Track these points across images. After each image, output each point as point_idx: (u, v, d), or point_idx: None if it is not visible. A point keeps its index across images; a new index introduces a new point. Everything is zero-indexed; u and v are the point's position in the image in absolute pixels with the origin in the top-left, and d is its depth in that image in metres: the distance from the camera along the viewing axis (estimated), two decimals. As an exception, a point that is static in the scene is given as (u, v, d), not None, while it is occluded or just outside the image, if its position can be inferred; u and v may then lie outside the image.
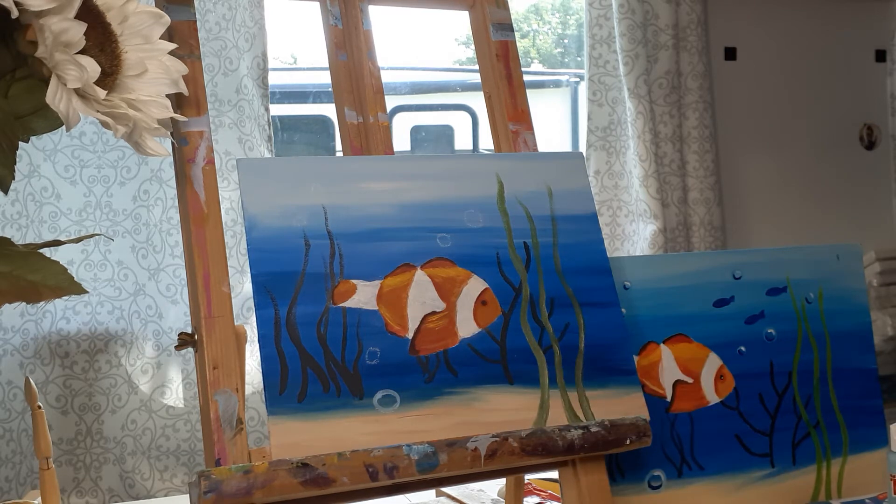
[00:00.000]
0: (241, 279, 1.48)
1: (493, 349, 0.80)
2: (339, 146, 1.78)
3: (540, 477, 1.17)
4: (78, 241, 0.74)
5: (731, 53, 1.94)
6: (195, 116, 0.78)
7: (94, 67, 0.62)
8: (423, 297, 0.79)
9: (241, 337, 0.77)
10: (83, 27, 0.61)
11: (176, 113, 0.74)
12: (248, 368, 1.36)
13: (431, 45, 1.95)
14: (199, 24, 1.25)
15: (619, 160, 1.78)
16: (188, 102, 0.78)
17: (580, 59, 1.93)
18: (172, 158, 0.83)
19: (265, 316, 0.73)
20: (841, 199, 2.04)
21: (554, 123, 2.05)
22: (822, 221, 2.01)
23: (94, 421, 1.41)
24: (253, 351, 1.33)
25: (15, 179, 0.66)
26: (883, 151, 2.10)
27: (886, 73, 2.10)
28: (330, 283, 0.76)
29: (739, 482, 0.94)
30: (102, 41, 0.67)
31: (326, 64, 0.89)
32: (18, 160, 0.65)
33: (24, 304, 1.20)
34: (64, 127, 0.63)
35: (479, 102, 1.88)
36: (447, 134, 1.97)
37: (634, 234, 1.77)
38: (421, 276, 0.80)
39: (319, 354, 0.74)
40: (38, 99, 0.63)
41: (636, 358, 0.93)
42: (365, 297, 0.77)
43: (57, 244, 0.71)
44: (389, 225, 0.80)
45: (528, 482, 1.16)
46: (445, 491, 1.15)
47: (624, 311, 0.92)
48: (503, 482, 1.09)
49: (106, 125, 0.64)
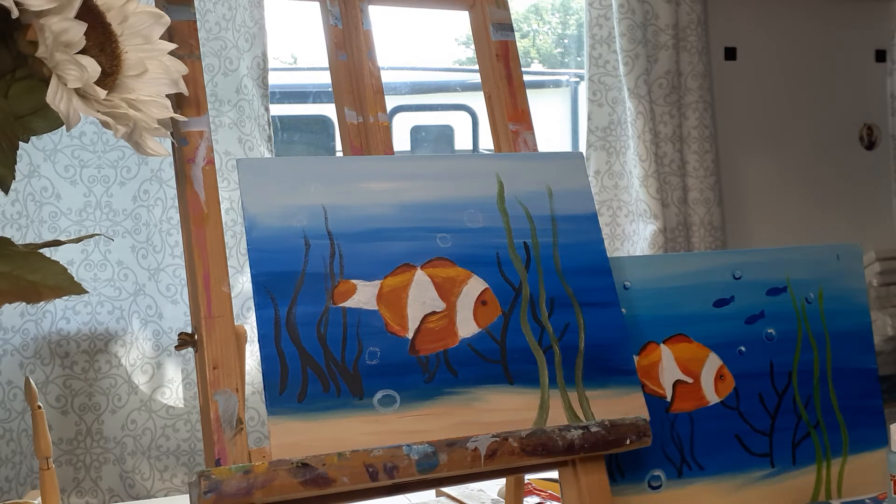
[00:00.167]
0: (240, 279, 1.48)
1: (493, 349, 0.80)
2: (339, 146, 1.78)
3: (540, 477, 1.17)
4: (78, 241, 0.74)
5: (731, 53, 1.94)
6: (195, 116, 0.78)
7: (94, 67, 0.62)
8: (423, 297, 0.79)
9: (241, 337, 0.77)
10: (83, 27, 0.61)
11: (176, 113, 0.74)
12: (248, 368, 1.36)
13: (431, 45, 1.95)
14: (199, 24, 1.25)
15: (619, 160, 1.78)
16: (188, 102, 0.78)
17: (580, 59, 1.93)
18: (172, 158, 0.83)
19: (265, 316, 0.73)
20: (841, 199, 2.04)
21: (554, 123, 2.05)
22: (822, 221, 2.01)
23: (94, 421, 1.41)
24: (253, 351, 1.33)
25: (15, 179, 0.66)
26: (883, 151, 2.10)
27: (886, 73, 2.10)
28: (330, 283, 0.76)
29: (739, 482, 0.94)
30: (102, 41, 0.67)
31: (326, 64, 0.89)
32: (18, 160, 0.65)
33: (24, 304, 1.20)
34: (64, 127, 0.63)
35: (479, 102, 1.88)
36: (447, 134, 1.97)
37: (634, 234, 1.77)
38: (421, 276, 0.80)
39: (319, 354, 0.74)
40: (38, 99, 0.63)
41: (636, 358, 0.93)
42: (365, 297, 0.77)
43: (57, 244, 0.71)
44: (389, 225, 0.80)
45: (528, 482, 1.16)
46: (445, 491, 1.15)
47: (624, 311, 0.92)
48: (503, 482, 1.09)
49: (106, 125, 0.64)
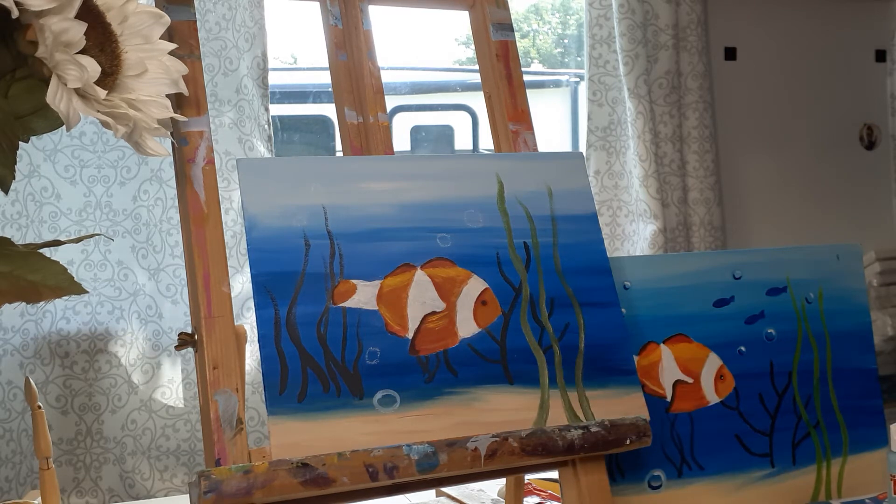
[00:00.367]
0: (240, 279, 1.48)
1: (493, 349, 0.80)
2: (339, 146, 1.78)
3: (540, 477, 1.17)
4: (78, 241, 0.74)
5: (731, 53, 1.94)
6: (195, 116, 0.78)
7: (94, 67, 0.62)
8: (423, 297, 0.79)
9: (241, 337, 0.77)
10: (83, 27, 0.61)
11: (176, 113, 0.74)
12: (247, 368, 1.36)
13: (431, 45, 1.95)
14: (199, 24, 1.25)
15: (619, 160, 1.78)
16: (188, 102, 0.78)
17: (580, 59, 1.93)
18: (172, 158, 0.83)
19: (265, 316, 0.73)
20: (841, 199, 2.04)
21: (554, 123, 2.05)
22: (822, 221, 2.01)
23: (94, 421, 1.41)
24: (253, 351, 1.33)
25: (15, 179, 0.66)
26: (883, 151, 2.10)
27: (886, 73, 2.10)
28: (330, 283, 0.76)
29: (739, 482, 0.94)
30: (102, 41, 0.67)
31: (326, 64, 0.89)
32: (18, 160, 0.65)
33: (24, 304, 1.20)
34: (64, 127, 0.63)
35: (479, 102, 1.88)
36: (447, 134, 1.97)
37: (634, 234, 1.77)
38: (421, 276, 0.79)
39: (319, 354, 0.74)
40: (38, 99, 0.63)
41: (636, 358, 0.93)
42: (365, 297, 0.77)
43: (57, 244, 0.71)
44: (389, 225, 0.80)
45: (528, 482, 1.16)
46: (445, 491, 1.15)
47: (624, 311, 0.92)
48: (503, 482, 1.09)
49: (106, 125, 0.64)
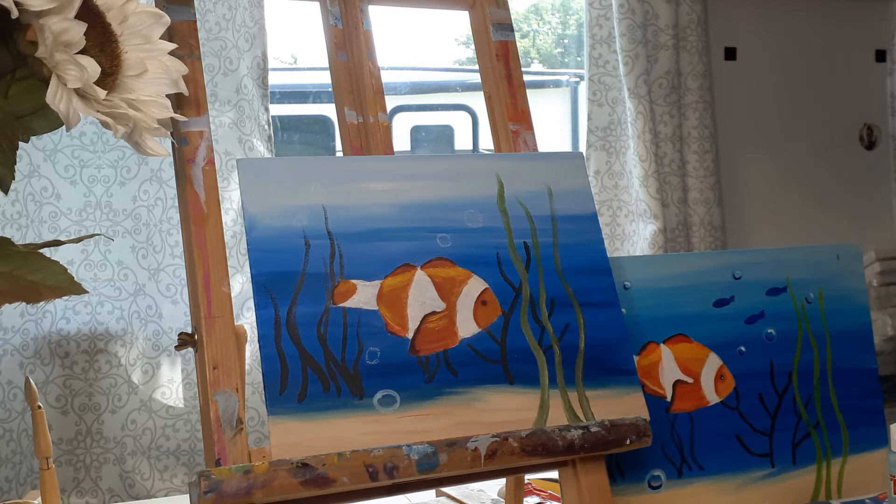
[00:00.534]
0: (240, 279, 1.48)
1: (493, 349, 0.80)
2: (339, 146, 1.78)
3: (540, 477, 1.17)
4: (78, 241, 0.74)
5: (731, 53, 1.94)
6: (195, 116, 0.78)
7: (94, 67, 0.62)
8: (423, 297, 0.79)
9: (241, 337, 0.77)
10: (83, 27, 0.61)
11: (176, 113, 0.74)
12: (247, 368, 1.36)
13: (431, 45, 1.95)
14: (199, 24, 1.25)
15: (619, 160, 1.78)
16: (188, 102, 0.78)
17: (580, 59, 1.93)
18: (172, 158, 0.83)
19: (265, 316, 0.73)
20: (841, 199, 2.04)
21: (554, 123, 2.05)
22: (822, 221, 2.01)
23: (94, 421, 1.41)
24: (253, 351, 1.33)
25: (15, 179, 0.66)
26: (883, 151, 2.10)
27: (886, 73, 2.10)
28: (330, 283, 0.76)
29: (739, 482, 0.94)
30: (102, 41, 0.67)
31: (326, 64, 0.89)
32: (18, 160, 0.65)
33: (24, 304, 1.20)
34: (64, 127, 0.63)
35: (479, 102, 1.88)
36: (447, 134, 1.97)
37: (634, 234, 1.77)
38: (421, 276, 0.79)
39: (319, 354, 0.74)
40: (38, 99, 0.63)
41: (636, 358, 0.93)
42: (365, 297, 0.77)
43: (57, 244, 0.71)
44: (389, 225, 0.80)
45: (528, 482, 1.16)
46: (445, 491, 1.15)
47: (624, 311, 0.92)
48: (503, 482, 1.09)
49: (106, 125, 0.64)
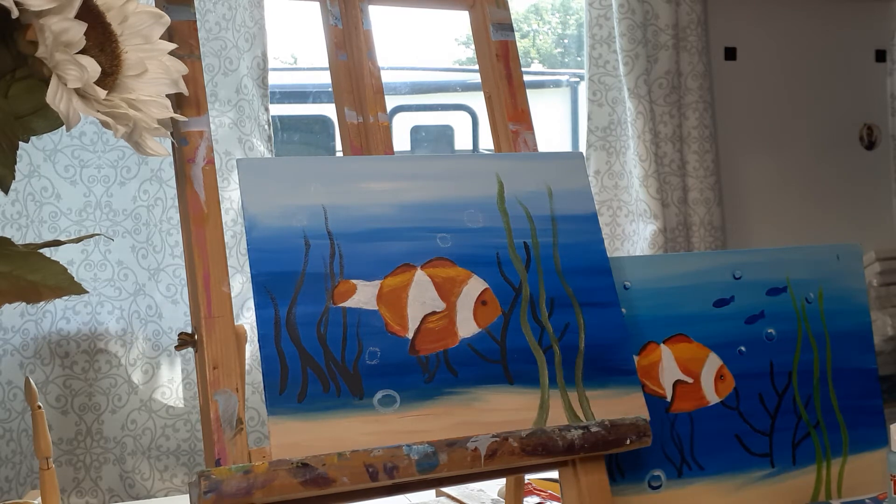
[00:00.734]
0: (240, 279, 1.48)
1: (493, 349, 0.80)
2: (339, 146, 1.78)
3: (540, 477, 1.17)
4: (78, 241, 0.74)
5: (731, 53, 1.94)
6: (195, 116, 0.78)
7: (94, 67, 0.62)
8: (423, 297, 0.79)
9: (241, 337, 0.77)
10: (83, 27, 0.61)
11: (176, 113, 0.74)
12: (247, 368, 1.36)
13: (431, 45, 1.95)
14: (199, 24, 1.25)
15: (619, 160, 1.78)
16: (188, 102, 0.78)
17: (580, 59, 1.93)
18: (172, 158, 0.83)
19: (265, 316, 0.73)
20: (841, 199, 2.04)
21: (554, 123, 2.05)
22: (822, 221, 2.01)
23: (94, 421, 1.41)
24: (253, 351, 1.33)
25: (15, 179, 0.66)
26: (883, 151, 2.10)
27: (886, 73, 2.10)
28: (330, 283, 0.76)
29: (739, 482, 0.94)
30: (102, 41, 0.67)
31: (326, 64, 0.89)
32: (18, 160, 0.65)
33: (24, 304, 1.20)
34: (64, 127, 0.63)
35: (479, 102, 1.88)
36: (447, 134, 1.97)
37: (634, 234, 1.77)
38: (421, 276, 0.79)
39: (319, 354, 0.74)
40: (38, 99, 0.63)
41: (636, 358, 0.93)
42: (365, 297, 0.77)
43: (57, 244, 0.71)
44: (389, 225, 0.80)
45: (528, 482, 1.16)
46: (445, 491, 1.15)
47: (624, 311, 0.92)
48: (503, 482, 1.09)
49: (106, 125, 0.64)
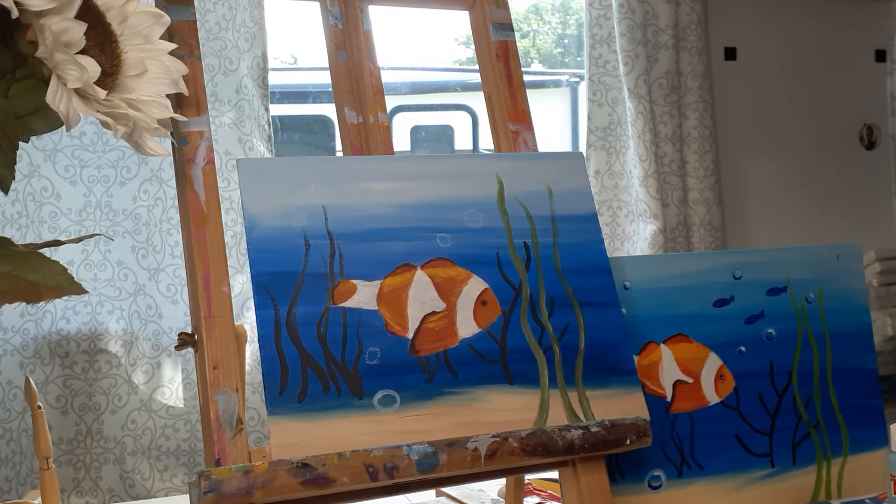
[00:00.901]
0: (240, 279, 1.48)
1: (493, 349, 0.80)
2: (339, 146, 1.78)
3: (540, 477, 1.17)
4: (78, 241, 0.74)
5: (731, 53, 1.94)
6: (195, 116, 0.78)
7: (94, 67, 0.62)
8: (423, 297, 0.79)
9: (241, 337, 0.77)
10: (83, 27, 0.61)
11: (176, 113, 0.74)
12: (247, 368, 1.36)
13: (431, 45, 1.95)
14: (199, 24, 1.25)
15: (619, 160, 1.78)
16: (188, 102, 0.78)
17: (580, 59, 1.93)
18: (172, 158, 0.83)
19: (265, 316, 0.73)
20: (841, 199, 2.04)
21: (554, 123, 2.05)
22: (822, 221, 2.01)
23: (94, 421, 1.41)
24: (253, 351, 1.33)
25: (15, 179, 0.66)
26: (883, 151, 2.10)
27: (886, 73, 2.10)
28: (330, 283, 0.76)
29: (739, 482, 0.94)
30: (102, 41, 0.67)
31: (326, 64, 0.89)
32: (18, 160, 0.65)
33: (24, 304, 1.20)
34: (64, 127, 0.63)
35: (479, 102, 1.88)
36: (447, 134, 1.97)
37: (634, 234, 1.77)
38: (421, 276, 0.79)
39: (319, 354, 0.74)
40: (38, 99, 0.63)
41: (636, 358, 0.93)
42: (365, 297, 0.77)
43: (57, 244, 0.71)
44: (389, 225, 0.80)
45: (528, 482, 1.16)
46: (445, 491, 1.15)
47: (624, 311, 0.92)
48: (503, 482, 1.09)
49: (106, 125, 0.64)
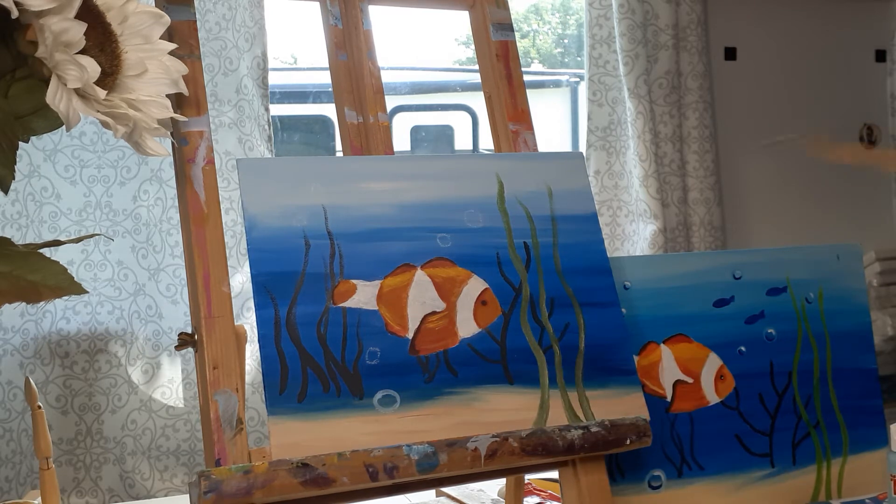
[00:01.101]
0: (240, 279, 1.48)
1: (493, 349, 0.80)
2: (339, 146, 1.78)
3: (540, 477, 1.17)
4: (78, 241, 0.74)
5: (731, 53, 1.94)
6: (195, 116, 0.78)
7: (94, 67, 0.62)
8: (423, 297, 0.79)
9: (241, 337, 0.77)
10: (83, 27, 0.61)
11: (176, 113, 0.74)
12: (247, 368, 1.36)
13: (431, 45, 1.95)
14: (199, 24, 1.25)
15: (619, 160, 1.77)
16: (188, 102, 0.78)
17: (580, 59, 1.93)
18: (172, 158, 0.83)
19: (265, 316, 0.73)
20: (841, 199, 2.04)
21: (554, 123, 2.05)
22: (822, 221, 2.01)
23: (94, 421, 1.41)
24: (253, 351, 1.33)
25: (15, 179, 0.66)
26: (883, 151, 2.10)
27: (886, 73, 2.10)
28: (330, 283, 0.76)
29: (739, 482, 0.94)
30: (102, 41, 0.67)
31: (326, 64, 0.89)
32: (18, 160, 0.65)
33: (24, 304, 1.20)
34: (64, 127, 0.63)
35: (479, 102, 1.88)
36: (447, 134, 1.97)
37: (634, 234, 1.77)
38: (421, 276, 0.80)
39: (319, 354, 0.74)
40: (38, 99, 0.63)
41: (636, 358, 0.93)
42: (365, 297, 0.77)
43: (57, 244, 0.71)
44: (389, 225, 0.80)
45: (528, 482, 1.16)
46: (445, 491, 1.15)
47: (624, 311, 0.92)
48: (503, 482, 1.09)
49: (106, 125, 0.64)
